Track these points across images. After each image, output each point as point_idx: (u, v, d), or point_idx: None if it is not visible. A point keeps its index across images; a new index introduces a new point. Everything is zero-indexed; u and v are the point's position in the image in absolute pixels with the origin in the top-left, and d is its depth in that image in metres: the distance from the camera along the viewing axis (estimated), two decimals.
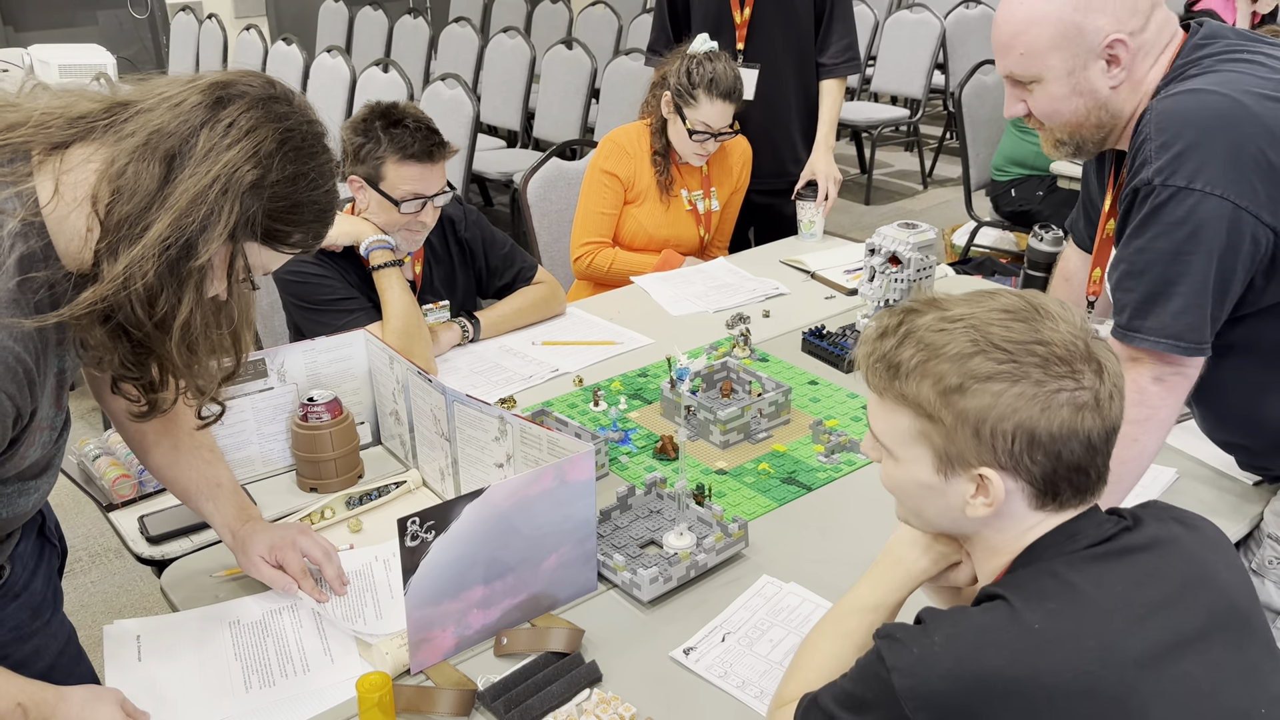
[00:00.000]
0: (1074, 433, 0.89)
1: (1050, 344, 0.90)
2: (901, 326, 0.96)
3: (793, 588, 1.40)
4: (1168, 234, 1.29)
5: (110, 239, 1.00)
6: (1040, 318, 0.92)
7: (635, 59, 4.59)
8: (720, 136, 2.53)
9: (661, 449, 1.74)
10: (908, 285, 2.04)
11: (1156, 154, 1.29)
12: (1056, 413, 0.89)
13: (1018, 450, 0.90)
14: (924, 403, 0.92)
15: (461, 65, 5.64)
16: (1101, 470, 0.93)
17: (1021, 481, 0.92)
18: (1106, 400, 0.90)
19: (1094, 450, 0.91)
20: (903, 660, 0.88)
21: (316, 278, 1.96)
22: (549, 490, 1.30)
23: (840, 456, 1.72)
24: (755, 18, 2.77)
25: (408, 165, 1.92)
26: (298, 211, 1.09)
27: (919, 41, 5.82)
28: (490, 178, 4.87)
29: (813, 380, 1.99)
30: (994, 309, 0.93)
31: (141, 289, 1.00)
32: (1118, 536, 0.93)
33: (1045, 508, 0.94)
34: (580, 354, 2.11)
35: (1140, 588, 0.90)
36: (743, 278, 2.52)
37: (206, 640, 1.33)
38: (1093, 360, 0.91)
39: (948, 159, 6.41)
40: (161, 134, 1.01)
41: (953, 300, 0.96)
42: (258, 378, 1.64)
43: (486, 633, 1.31)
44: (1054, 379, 0.89)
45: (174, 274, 1.01)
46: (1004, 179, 3.85)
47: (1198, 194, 1.26)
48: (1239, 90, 1.28)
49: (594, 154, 2.67)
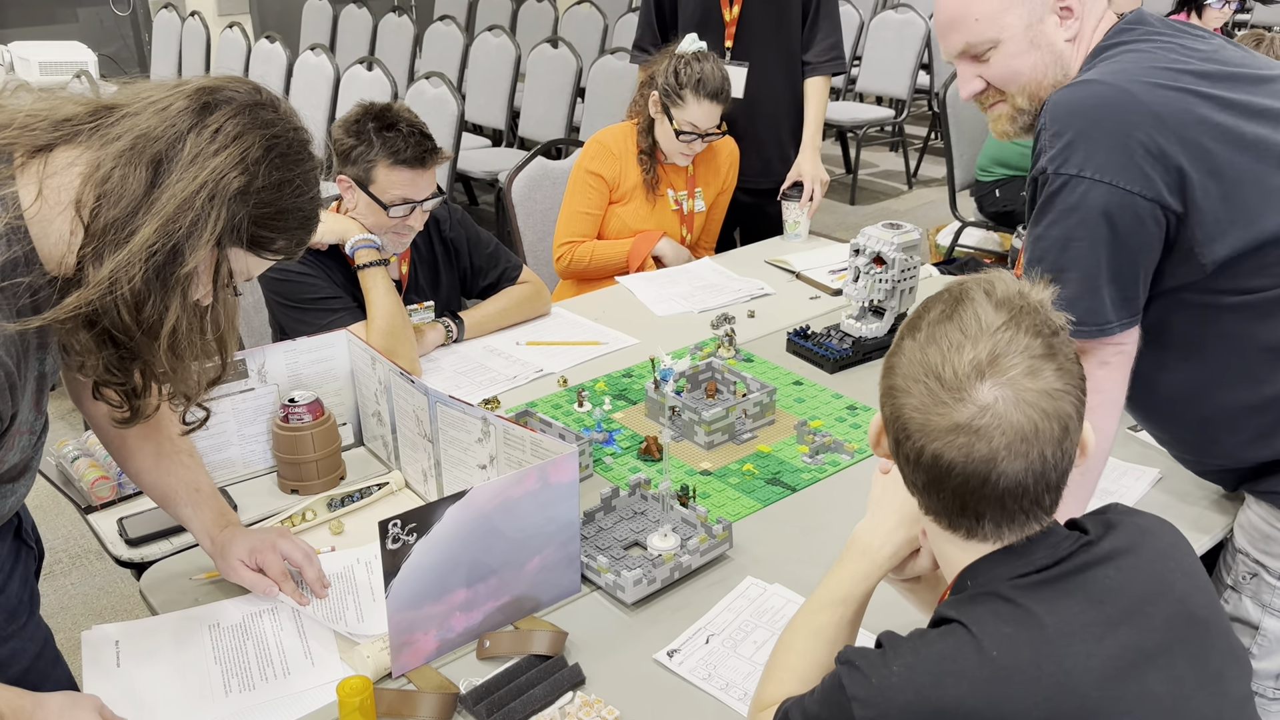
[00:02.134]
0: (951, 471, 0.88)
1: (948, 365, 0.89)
2: (967, 282, 0.95)
3: (777, 589, 1.40)
4: (1059, 221, 1.32)
5: (95, 244, 0.99)
6: (969, 344, 0.89)
7: (621, 58, 4.59)
8: (708, 137, 2.53)
9: (646, 450, 1.74)
10: (892, 286, 2.04)
11: (1049, 144, 1.32)
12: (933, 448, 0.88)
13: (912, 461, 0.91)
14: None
15: (446, 64, 5.62)
16: (1003, 515, 0.90)
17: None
18: (1003, 453, 0.87)
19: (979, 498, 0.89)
20: (862, 690, 0.88)
21: (300, 276, 1.95)
22: (532, 492, 1.29)
23: (825, 457, 1.72)
24: (744, 16, 2.77)
25: (399, 170, 1.91)
26: (283, 218, 1.09)
27: (904, 42, 5.83)
28: (475, 177, 4.86)
29: (797, 381, 1.99)
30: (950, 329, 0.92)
31: (128, 294, 0.99)
32: (1074, 555, 0.91)
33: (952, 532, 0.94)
34: (565, 354, 2.10)
35: (1098, 607, 0.88)
36: (728, 278, 2.51)
37: (186, 644, 1.32)
38: (984, 408, 0.87)
39: (932, 159, 6.43)
40: (148, 138, 1.00)
41: (1010, 294, 0.93)
42: (238, 378, 1.62)
43: (469, 635, 1.31)
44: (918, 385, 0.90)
45: (161, 280, 1.01)
46: (988, 179, 3.86)
47: (1087, 181, 1.28)
48: (1128, 79, 1.31)
49: (579, 154, 2.66)
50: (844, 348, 2.04)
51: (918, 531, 1.06)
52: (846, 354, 2.03)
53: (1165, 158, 1.27)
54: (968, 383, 0.88)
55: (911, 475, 0.93)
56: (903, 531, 1.07)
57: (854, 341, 2.06)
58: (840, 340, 2.07)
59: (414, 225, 1.98)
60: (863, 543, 1.09)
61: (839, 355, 2.02)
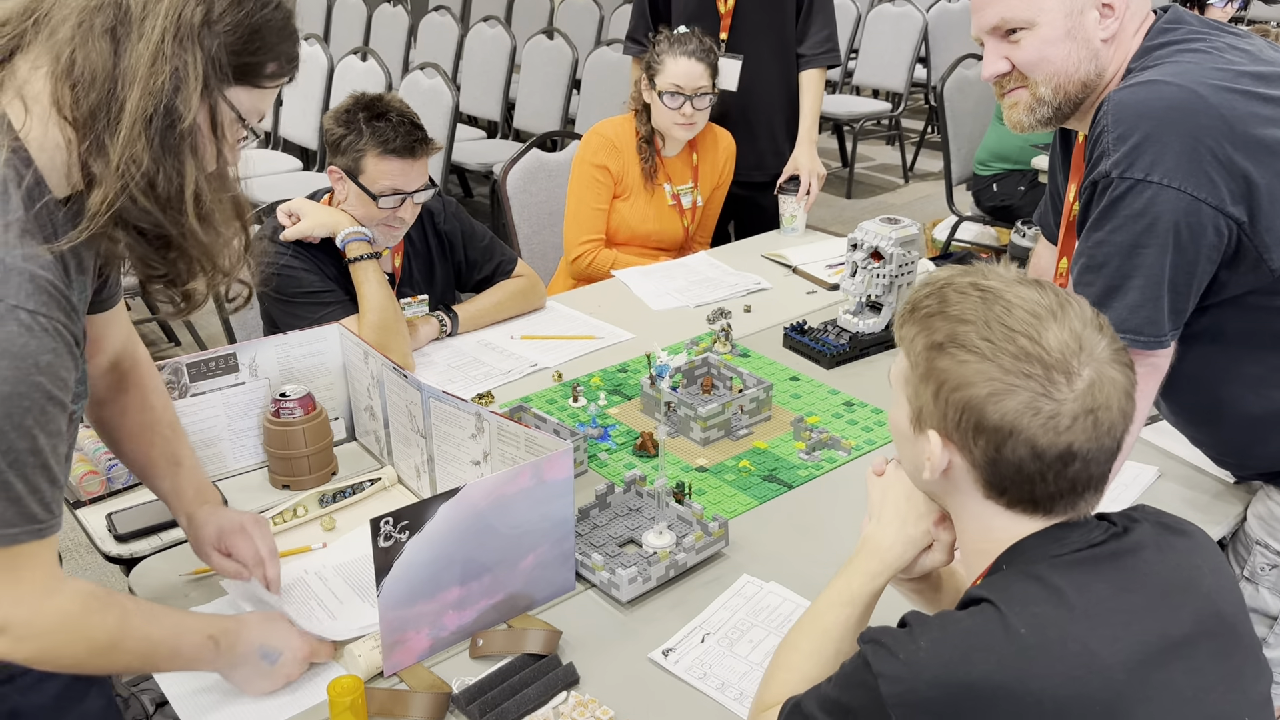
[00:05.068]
0: (1017, 432, 0.88)
1: (1039, 343, 0.89)
2: (944, 278, 0.97)
3: (773, 587, 1.38)
4: (1125, 227, 1.29)
5: (91, 137, 0.94)
6: (1051, 319, 0.90)
7: (617, 49, 4.56)
8: (696, 100, 2.48)
9: (641, 446, 1.72)
10: (889, 280, 2.03)
11: (1114, 146, 1.28)
12: (1005, 404, 0.88)
13: (964, 427, 0.90)
14: (913, 350, 0.95)
15: (441, 54, 5.58)
16: (1056, 491, 0.91)
17: (967, 463, 0.93)
18: (1070, 420, 0.88)
19: (1041, 461, 0.89)
20: (889, 667, 0.87)
21: (292, 269, 1.92)
22: (526, 489, 1.28)
23: (821, 454, 1.70)
24: (739, 8, 2.74)
25: (388, 160, 1.88)
26: (259, 36, 1.02)
27: (901, 35, 5.81)
28: (470, 169, 4.83)
29: (794, 376, 1.97)
30: (1022, 295, 0.92)
31: (140, 176, 0.94)
32: (1106, 542, 0.92)
33: (997, 502, 0.94)
34: (560, 348, 2.09)
35: (1125, 593, 0.89)
36: (724, 272, 2.50)
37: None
38: (1078, 379, 0.88)
39: (929, 153, 6.42)
40: (90, 11, 0.95)
41: (1003, 275, 0.95)
42: (229, 372, 1.60)
43: (462, 634, 1.29)
44: (1020, 375, 0.88)
45: (165, 147, 0.95)
46: (986, 173, 3.85)
47: (1155, 186, 1.25)
48: (1196, 81, 1.27)
49: (580, 148, 2.63)
50: (841, 343, 2.03)
51: (926, 526, 1.05)
52: (843, 349, 2.01)
53: (1232, 164, 1.24)
54: (1072, 358, 0.89)
55: (988, 469, 0.91)
56: (911, 529, 1.06)
57: (851, 337, 2.05)
58: (837, 336, 2.06)
59: (404, 217, 1.95)
60: (871, 544, 1.08)
61: (836, 351, 2.01)
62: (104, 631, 1.05)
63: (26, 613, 0.99)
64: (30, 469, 0.93)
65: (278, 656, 1.20)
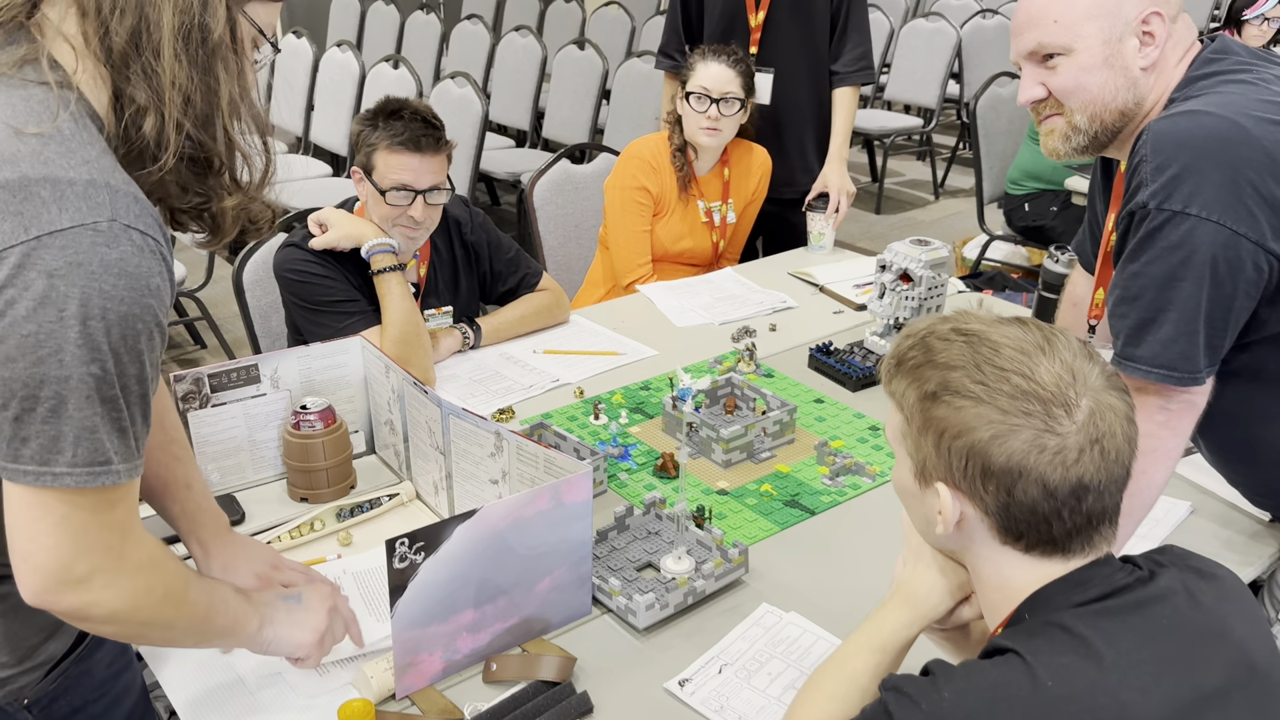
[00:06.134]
0: (1026, 472, 0.86)
1: (1033, 379, 0.87)
2: (924, 328, 0.96)
3: (793, 618, 1.36)
4: (1161, 259, 1.26)
5: (137, 63, 0.90)
6: (1040, 354, 0.89)
7: (648, 61, 4.55)
8: (724, 104, 2.45)
9: (662, 466, 1.70)
10: (919, 303, 2.00)
11: (1152, 176, 1.25)
12: (1009, 444, 0.86)
13: (971, 474, 0.89)
14: (906, 403, 0.94)
15: (472, 63, 5.60)
16: (1072, 527, 0.89)
17: (980, 511, 0.91)
18: (1076, 453, 0.86)
19: (1055, 499, 0.87)
20: (911, 716, 0.84)
21: (318, 278, 1.93)
22: (544, 511, 1.26)
23: (845, 480, 1.67)
24: (770, 21, 2.72)
25: (395, 154, 1.89)
26: None
27: (934, 50, 5.77)
28: (498, 177, 4.84)
29: (819, 399, 1.94)
30: (1007, 334, 0.92)
31: (179, 99, 0.91)
32: (1131, 588, 0.89)
33: (1014, 547, 0.91)
34: (582, 364, 2.07)
35: (1155, 643, 0.86)
36: (750, 289, 2.47)
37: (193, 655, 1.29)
38: (1078, 410, 0.87)
39: (960, 169, 6.37)
40: None
41: (982, 318, 0.95)
42: (250, 383, 1.60)
43: (475, 657, 1.27)
44: (1020, 414, 0.86)
45: (200, 63, 0.92)
46: (1019, 193, 3.80)
47: (1193, 219, 1.22)
48: (1238, 112, 1.24)
49: (617, 171, 2.59)
50: (867, 365, 2.00)
51: (965, 577, 1.02)
52: (869, 372, 1.98)
53: (1274, 199, 1.21)
54: (1068, 390, 0.87)
55: (1001, 514, 0.89)
56: (950, 578, 1.03)
57: (878, 360, 2.02)
58: (864, 358, 2.03)
59: (415, 216, 1.93)
60: (906, 590, 1.04)
61: (862, 373, 1.98)
62: (177, 579, 1.01)
63: (114, 560, 0.93)
64: (134, 399, 0.89)
65: (299, 597, 1.19)
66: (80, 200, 0.84)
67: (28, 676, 1.02)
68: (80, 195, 0.84)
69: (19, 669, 1.02)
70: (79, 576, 0.90)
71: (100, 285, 0.83)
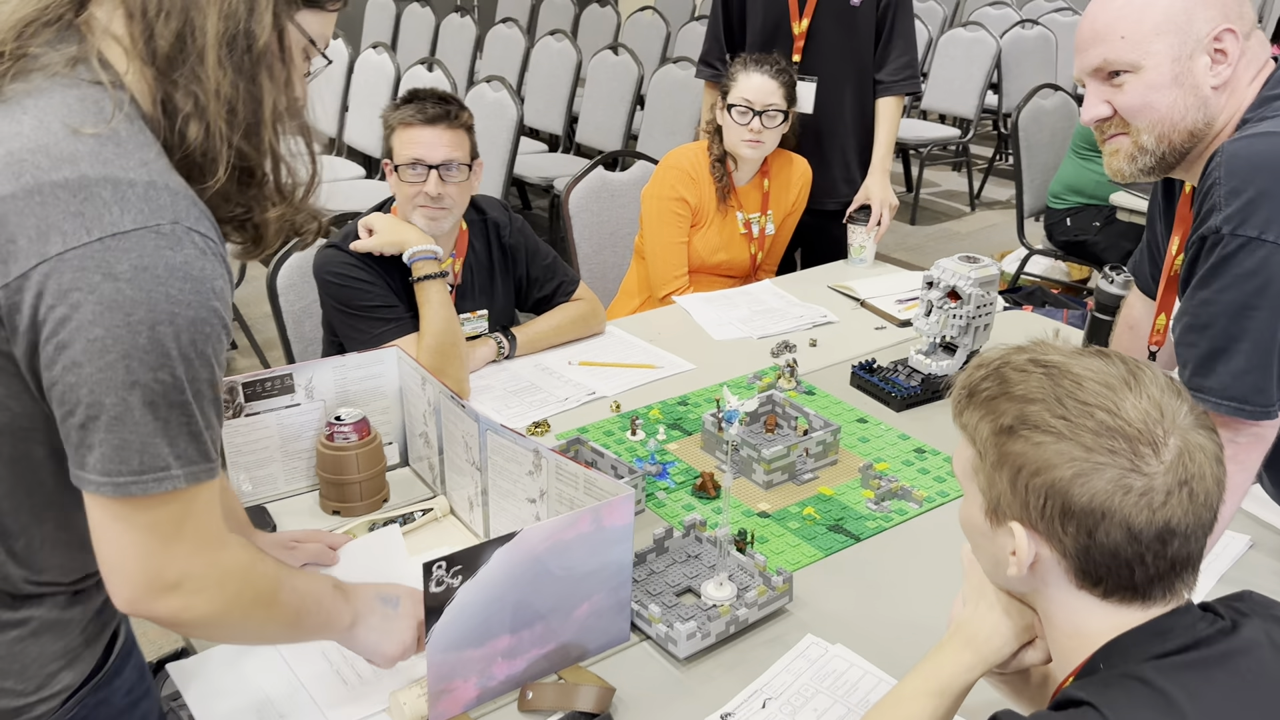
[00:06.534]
0: (1110, 513, 0.82)
1: (1119, 415, 0.83)
2: (998, 358, 0.92)
3: (839, 650, 1.31)
4: (1235, 286, 1.21)
5: (181, 69, 0.88)
6: (1126, 389, 0.84)
7: (684, 68, 4.51)
8: (765, 117, 2.41)
9: (701, 486, 1.65)
10: (966, 322, 1.94)
11: (1225, 200, 1.20)
12: (1092, 484, 0.82)
13: (1050, 514, 0.84)
14: (979, 437, 0.89)
15: (507, 66, 5.58)
16: (1155, 574, 0.84)
17: (1057, 553, 0.86)
18: (1164, 495, 0.81)
19: (1139, 543, 0.82)
20: None
21: (359, 283, 1.91)
22: (585, 534, 1.22)
23: (891, 505, 1.62)
24: (814, 29, 2.67)
25: (407, 129, 1.90)
26: None
27: (973, 60, 5.69)
28: (530, 182, 4.81)
29: (862, 418, 1.89)
30: (1090, 366, 0.87)
31: (221, 108, 0.89)
32: (1213, 640, 0.84)
33: (1092, 592, 0.86)
34: (618, 377, 2.03)
35: (1241, 699, 0.81)
36: (789, 302, 2.42)
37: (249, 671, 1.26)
38: (1165, 449, 0.82)
39: (996, 181, 6.28)
40: None
41: (1060, 349, 0.90)
42: (284, 393, 1.57)
43: (511, 684, 1.23)
44: (1104, 452, 0.82)
45: (244, 71, 0.91)
46: (1060, 207, 3.73)
47: (1269, 245, 1.18)
48: None
49: (655, 181, 2.55)
50: (912, 385, 1.94)
51: (1031, 619, 0.97)
52: (915, 392, 1.93)
53: None
54: (1156, 427, 0.82)
55: (1080, 557, 0.84)
56: (1014, 620, 0.98)
57: (923, 379, 1.96)
58: (908, 376, 1.98)
59: (430, 192, 1.90)
60: (968, 632, 1.00)
61: (907, 393, 1.92)
62: (268, 581, 1.01)
63: (203, 564, 0.92)
64: (207, 402, 0.89)
65: (398, 601, 1.19)
66: (142, 202, 0.83)
67: (44, 705, 0.99)
68: (141, 197, 0.83)
69: (35, 698, 0.98)
70: (170, 582, 0.90)
71: (167, 290, 0.83)
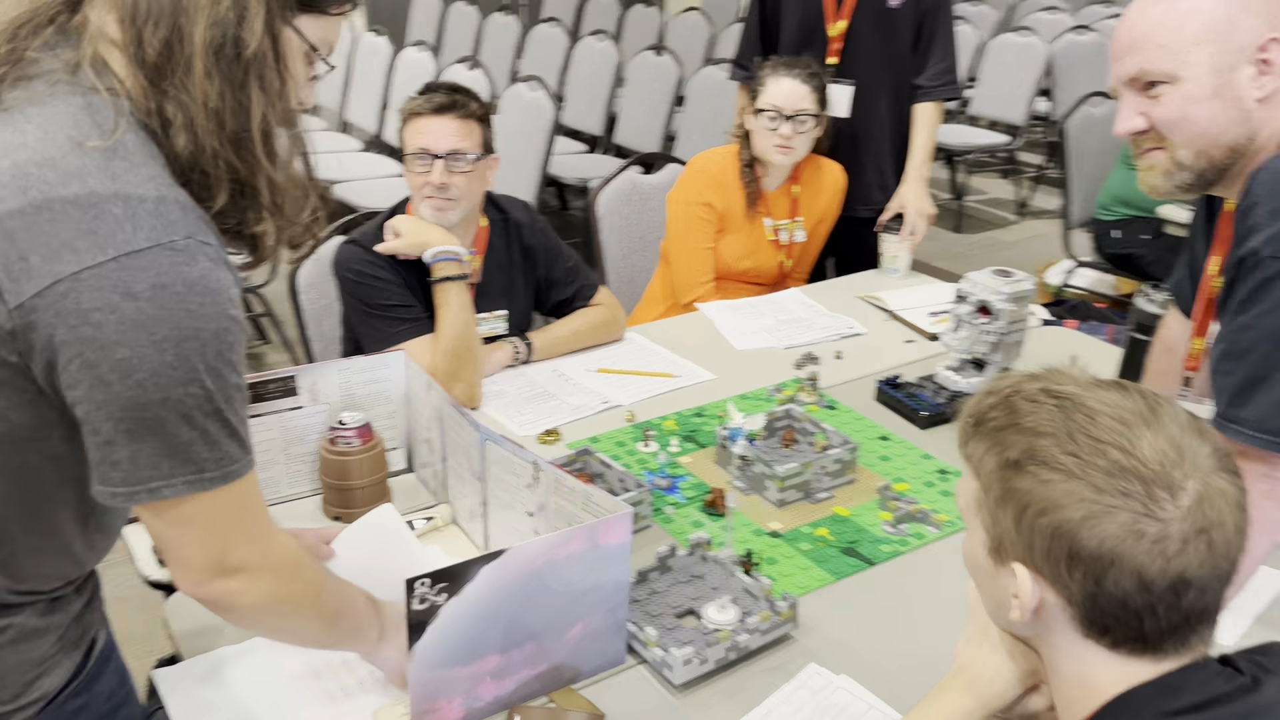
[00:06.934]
0: (1120, 560, 0.76)
1: (1134, 454, 0.77)
2: (1009, 386, 0.85)
3: (844, 682, 1.25)
4: (1275, 312, 1.14)
5: (170, 78, 0.87)
6: (1143, 426, 0.78)
7: (724, 69, 4.45)
8: (796, 123, 2.34)
9: (711, 502, 1.60)
10: (997, 339, 1.87)
11: (1267, 221, 1.14)
12: (1102, 528, 0.76)
13: (1055, 557, 0.78)
14: (984, 470, 0.83)
15: (548, 65, 5.55)
16: (1167, 626, 0.78)
17: (1062, 599, 0.80)
18: (1180, 543, 0.75)
19: (1150, 593, 0.76)
20: None
21: (376, 280, 1.89)
22: (579, 553, 1.17)
23: (909, 528, 1.56)
24: (851, 32, 2.60)
25: (415, 120, 1.90)
26: None
27: (1023, 66, 5.56)
28: (568, 182, 4.78)
29: (884, 436, 1.82)
30: (1105, 400, 0.81)
31: (208, 121, 0.88)
32: (1232, 697, 0.77)
33: (1099, 642, 0.81)
34: (635, 385, 1.98)
35: None
36: (817, 312, 2.36)
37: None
38: (1183, 494, 0.76)
39: (1045, 189, 6.12)
40: None
41: (1077, 378, 0.84)
42: (287, 395, 1.54)
43: (498, 706, 1.19)
44: (1117, 494, 0.76)
45: (232, 80, 0.89)
46: (1108, 218, 3.61)
47: None
48: None
49: (681, 185, 2.50)
50: (939, 402, 1.87)
51: (1036, 664, 0.91)
52: (941, 409, 1.86)
53: None
54: (1173, 469, 0.76)
55: (1087, 605, 0.79)
56: (1018, 664, 0.92)
57: (950, 396, 1.89)
58: (935, 393, 1.90)
59: (434, 180, 1.87)
60: (970, 674, 0.94)
61: (932, 410, 1.85)
62: (315, 573, 1.06)
63: (260, 551, 0.98)
64: (238, 403, 0.92)
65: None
66: (154, 218, 0.84)
67: (22, 714, 0.98)
68: (152, 213, 0.84)
69: (13, 705, 0.97)
70: (232, 566, 0.96)
71: (186, 306, 0.84)
